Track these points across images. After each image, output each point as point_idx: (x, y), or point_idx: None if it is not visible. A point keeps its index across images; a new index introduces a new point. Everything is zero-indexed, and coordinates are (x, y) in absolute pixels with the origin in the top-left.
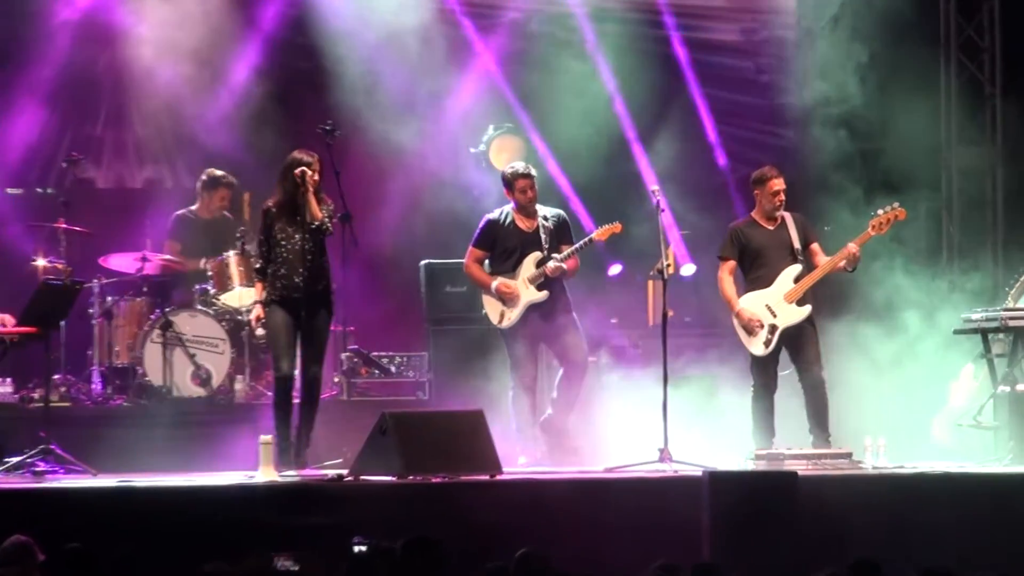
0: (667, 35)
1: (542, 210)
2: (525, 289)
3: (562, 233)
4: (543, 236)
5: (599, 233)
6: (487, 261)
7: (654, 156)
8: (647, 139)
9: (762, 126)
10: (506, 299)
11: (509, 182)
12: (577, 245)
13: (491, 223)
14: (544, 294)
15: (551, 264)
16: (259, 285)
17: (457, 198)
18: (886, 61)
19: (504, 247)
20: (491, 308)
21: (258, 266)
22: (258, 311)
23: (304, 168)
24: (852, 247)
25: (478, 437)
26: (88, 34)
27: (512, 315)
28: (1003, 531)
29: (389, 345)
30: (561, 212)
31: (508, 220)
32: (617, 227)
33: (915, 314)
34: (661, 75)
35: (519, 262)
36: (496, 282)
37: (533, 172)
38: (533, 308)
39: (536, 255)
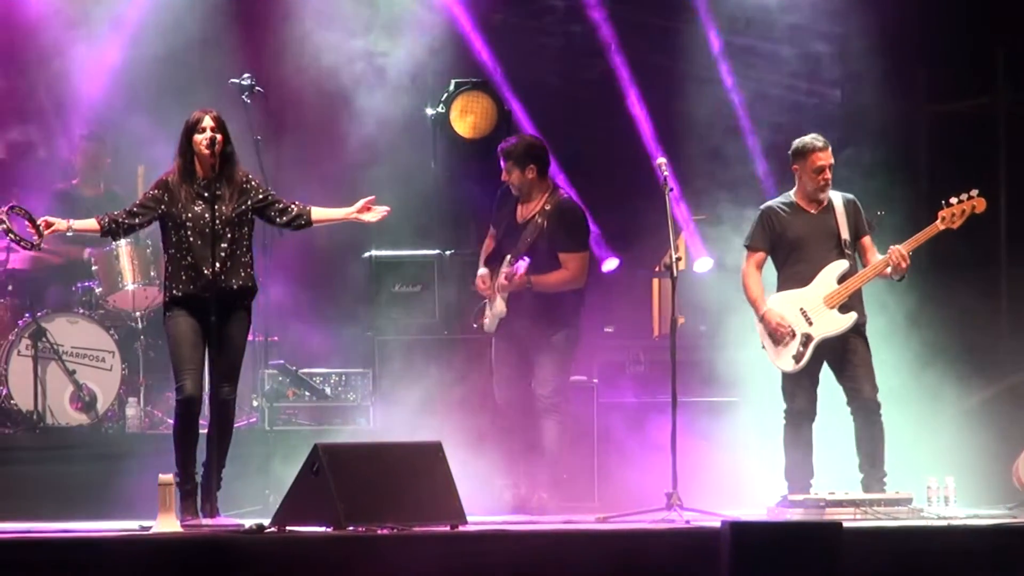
0: None
1: (554, 198)
2: (498, 296)
3: (556, 234)
4: (525, 232)
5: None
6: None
7: (660, 119)
8: (651, 97)
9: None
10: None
11: None
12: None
13: (500, 195)
14: (501, 309)
15: (501, 275)
16: (97, 219)
17: (411, 172)
18: None
19: (498, 235)
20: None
21: (116, 213)
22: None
23: (211, 134)
24: (896, 252)
25: (436, 477)
26: None
27: (487, 321)
28: None
29: (323, 360)
30: (567, 203)
31: (514, 200)
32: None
33: (1000, 313)
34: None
35: (503, 259)
36: (479, 272)
37: (511, 147)
38: (510, 316)
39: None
